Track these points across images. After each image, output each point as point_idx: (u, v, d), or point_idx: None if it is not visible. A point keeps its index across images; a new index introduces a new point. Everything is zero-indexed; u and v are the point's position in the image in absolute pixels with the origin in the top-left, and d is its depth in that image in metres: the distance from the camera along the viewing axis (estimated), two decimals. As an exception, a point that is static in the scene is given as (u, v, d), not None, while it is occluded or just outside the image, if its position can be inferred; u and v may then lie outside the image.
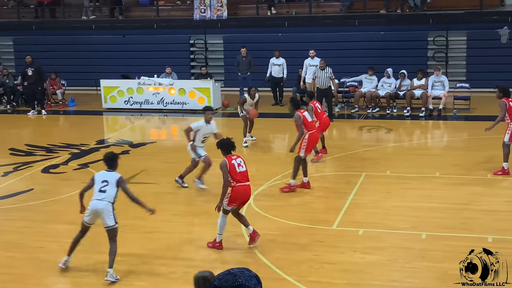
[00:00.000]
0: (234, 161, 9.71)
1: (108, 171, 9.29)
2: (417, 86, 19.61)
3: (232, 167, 9.61)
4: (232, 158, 9.75)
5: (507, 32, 21.88)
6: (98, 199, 9.14)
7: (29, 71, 21.45)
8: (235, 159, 9.75)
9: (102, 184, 9.16)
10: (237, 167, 9.65)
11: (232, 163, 9.66)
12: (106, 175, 9.23)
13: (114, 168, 9.35)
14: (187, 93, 20.90)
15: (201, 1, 24.50)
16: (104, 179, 9.17)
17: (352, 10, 24.29)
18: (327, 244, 9.86)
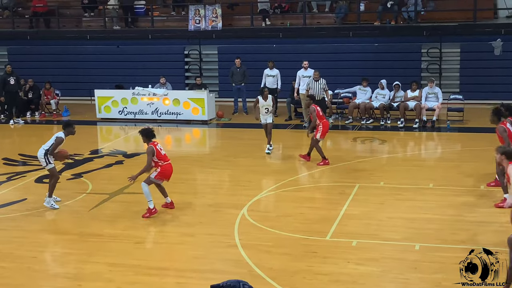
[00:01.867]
0: (158, 146, 11.62)
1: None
2: (411, 97, 19.67)
3: (158, 151, 11.53)
4: (155, 143, 11.64)
5: (500, 44, 22.02)
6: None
7: (11, 80, 21.53)
8: (157, 144, 11.64)
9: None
10: (160, 151, 11.61)
11: (157, 148, 11.57)
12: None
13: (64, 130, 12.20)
14: (181, 103, 20.91)
15: (196, 12, 24.57)
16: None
17: (346, 21, 24.42)
18: (320, 255, 9.85)
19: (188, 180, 14.47)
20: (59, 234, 11.03)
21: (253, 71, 21.84)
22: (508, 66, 21.78)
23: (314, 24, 24.58)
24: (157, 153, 11.54)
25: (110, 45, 25.87)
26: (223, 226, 11.08)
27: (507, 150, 9.24)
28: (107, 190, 13.48)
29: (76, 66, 25.61)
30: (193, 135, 20.47)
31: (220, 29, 24.48)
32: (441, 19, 23.24)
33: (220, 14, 24.43)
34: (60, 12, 27.30)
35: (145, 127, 12.09)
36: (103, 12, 26.40)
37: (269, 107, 16.33)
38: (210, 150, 18.79)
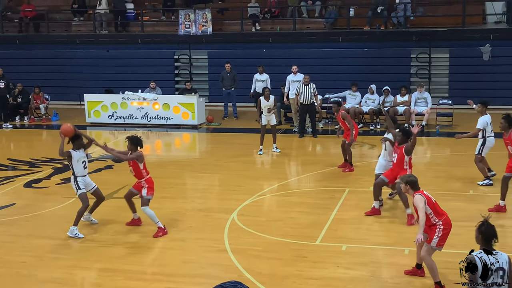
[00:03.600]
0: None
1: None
2: (400, 102, 19.74)
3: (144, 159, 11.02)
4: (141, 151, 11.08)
5: (489, 49, 22.14)
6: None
7: (1, 83, 21.47)
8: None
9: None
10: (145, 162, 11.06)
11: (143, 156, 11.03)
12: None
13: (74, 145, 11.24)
14: (171, 108, 20.89)
15: (186, 16, 24.58)
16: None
17: (336, 26, 24.50)
18: (310, 259, 9.86)
19: (178, 185, 14.46)
20: (48, 239, 10.98)
21: (243, 75, 21.87)
22: (496, 71, 21.92)
23: (304, 29, 24.65)
24: (144, 163, 11.11)
25: (100, 50, 25.83)
26: (213, 231, 11.07)
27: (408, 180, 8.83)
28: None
29: (65, 70, 25.55)
30: (183, 139, 20.45)
31: (210, 33, 24.51)
32: (430, 24, 23.36)
33: (210, 19, 24.44)
34: (49, 16, 27.25)
35: (134, 135, 11.51)
36: (93, 16, 26.36)
37: (270, 107, 16.63)
38: (200, 155, 18.78)
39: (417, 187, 8.74)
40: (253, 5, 25.06)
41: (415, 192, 8.68)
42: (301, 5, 24.97)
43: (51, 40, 26.39)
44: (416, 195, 8.62)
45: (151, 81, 21.74)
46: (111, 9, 26.50)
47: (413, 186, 8.75)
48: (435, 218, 8.63)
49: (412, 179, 8.81)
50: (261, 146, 16.89)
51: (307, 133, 19.15)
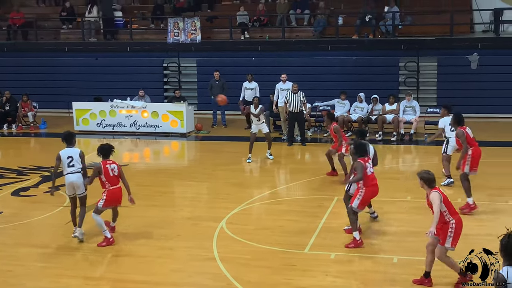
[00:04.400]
0: (108, 165, 10.77)
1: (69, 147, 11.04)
2: (388, 110, 19.81)
3: (106, 171, 10.70)
4: (108, 162, 10.84)
5: (476, 58, 22.27)
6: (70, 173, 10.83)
7: None
8: (110, 164, 10.82)
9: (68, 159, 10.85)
10: (110, 172, 10.73)
11: (106, 167, 10.74)
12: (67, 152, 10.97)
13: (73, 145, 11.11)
14: (160, 116, 20.86)
15: (175, 24, 24.58)
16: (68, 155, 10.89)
17: (325, 35, 24.58)
18: (299, 268, 9.84)
19: (166, 193, 14.43)
20: (35, 248, 10.91)
21: (232, 84, 21.88)
22: (484, 80, 22.03)
23: (293, 38, 24.71)
24: (105, 173, 10.73)
25: (88, 58, 25.78)
26: (201, 239, 11.04)
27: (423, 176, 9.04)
28: (84, 203, 13.35)
29: (54, 78, 25.48)
30: (172, 147, 20.41)
31: (199, 42, 24.52)
32: (418, 33, 23.48)
33: (199, 27, 24.46)
34: (38, 24, 27.18)
35: (104, 143, 11.26)
36: (82, 24, 26.31)
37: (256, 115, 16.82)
38: (189, 163, 18.75)
39: (433, 184, 8.92)
40: (242, 13, 25.11)
41: (432, 189, 8.85)
42: (290, 14, 25.04)
43: (39, 48, 26.31)
44: (433, 192, 8.80)
45: (140, 89, 21.71)
46: (100, 17, 26.46)
47: (428, 182, 8.94)
48: (449, 216, 8.79)
49: (428, 176, 8.99)
50: (249, 154, 16.88)
51: (296, 141, 19.16)
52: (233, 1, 27.00)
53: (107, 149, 11.00)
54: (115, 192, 10.83)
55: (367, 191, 10.67)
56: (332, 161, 15.28)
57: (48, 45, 26.52)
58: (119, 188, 10.93)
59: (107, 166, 10.79)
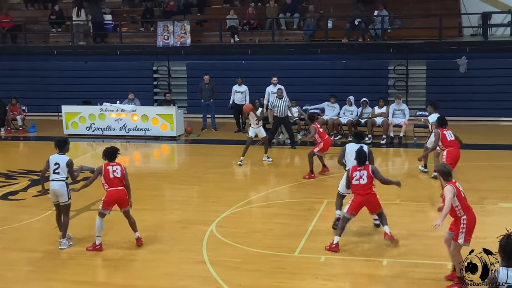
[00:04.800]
0: (110, 167, 10.71)
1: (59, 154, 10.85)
2: (378, 114, 19.87)
3: (106, 173, 10.64)
4: (110, 164, 10.77)
5: (465, 61, 22.38)
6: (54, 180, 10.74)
7: None
8: (113, 165, 10.75)
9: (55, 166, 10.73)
10: (111, 173, 10.65)
11: (107, 168, 10.69)
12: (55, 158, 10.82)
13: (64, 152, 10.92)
14: (149, 119, 20.83)
15: (165, 28, 24.56)
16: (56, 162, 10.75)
17: (315, 38, 24.61)
18: (289, 271, 9.85)
19: (156, 197, 14.41)
20: (23, 252, 10.86)
21: (222, 87, 21.88)
22: (473, 83, 22.14)
23: (283, 41, 24.74)
24: (105, 174, 10.67)
25: (78, 61, 25.70)
26: (191, 243, 11.03)
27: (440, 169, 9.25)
28: (73, 207, 13.17)
29: (43, 82, 25.40)
30: (162, 151, 20.38)
31: (189, 45, 24.50)
32: (407, 37, 23.56)
33: (189, 30, 24.44)
34: (27, 27, 27.07)
35: (109, 146, 11.23)
36: (71, 27, 26.25)
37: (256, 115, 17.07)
38: (179, 166, 18.73)
39: (449, 178, 9.01)
40: (231, 17, 25.12)
41: (447, 183, 8.96)
42: (280, 17, 25.08)
43: (28, 52, 26.22)
44: (447, 185, 8.91)
45: (129, 92, 21.66)
46: (89, 20, 26.41)
47: (444, 176, 9.07)
48: (461, 212, 8.86)
49: (444, 169, 9.15)
50: (242, 157, 16.89)
51: (286, 144, 19.23)
52: (223, 4, 27.01)
53: (111, 152, 10.94)
54: (113, 193, 10.67)
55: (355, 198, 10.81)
56: (322, 160, 15.74)
57: (37, 48, 26.44)
58: (120, 190, 10.72)
59: (108, 168, 10.72)
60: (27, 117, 22.98)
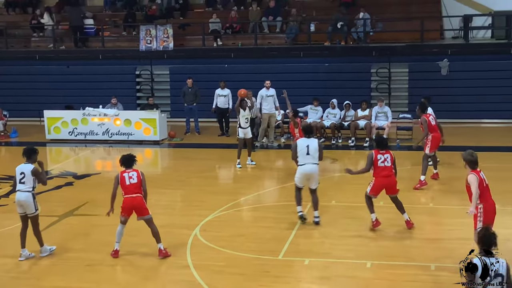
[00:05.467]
0: (126, 173, 10.54)
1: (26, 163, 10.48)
2: (361, 116, 19.94)
3: (122, 179, 10.45)
4: (126, 171, 10.60)
5: (447, 64, 22.54)
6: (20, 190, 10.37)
7: None
8: (129, 172, 10.57)
9: (20, 176, 10.37)
10: (127, 180, 10.46)
11: (123, 175, 10.51)
12: (21, 168, 10.43)
13: (32, 161, 10.52)
14: (132, 123, 20.76)
15: (147, 32, 24.51)
16: (21, 171, 10.37)
17: (297, 42, 24.69)
18: (273, 274, 9.85)
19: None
20: (7, 258, 10.77)
21: (205, 91, 21.86)
22: (454, 85, 22.29)
23: (265, 45, 24.79)
24: (121, 181, 10.49)
25: (59, 65, 25.59)
26: (175, 247, 10.99)
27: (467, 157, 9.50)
28: (56, 212, 13.25)
29: (25, 86, 25.24)
30: (145, 155, 20.31)
31: (172, 49, 24.47)
32: (389, 40, 23.70)
33: (172, 34, 24.42)
34: (8, 32, 26.91)
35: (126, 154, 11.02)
36: (53, 32, 26.12)
37: (248, 117, 17.08)
38: (162, 171, 18.68)
39: (475, 166, 9.34)
40: (214, 20, 25.13)
41: (471, 171, 9.28)
42: (262, 21, 25.12)
43: (10, 56, 26.07)
44: (471, 174, 9.24)
45: (112, 96, 21.58)
46: (70, 24, 26.30)
47: (470, 164, 9.37)
48: (478, 201, 9.13)
49: (471, 158, 9.43)
50: (238, 159, 16.98)
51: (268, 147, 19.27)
52: (206, 8, 27.02)
53: (128, 159, 10.76)
54: (128, 201, 10.45)
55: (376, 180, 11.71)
56: None
57: (18, 53, 26.31)
58: (135, 198, 10.47)
59: (124, 175, 10.53)
60: (9, 122, 22.81)
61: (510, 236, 10.53)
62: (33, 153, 10.64)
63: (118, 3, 28.03)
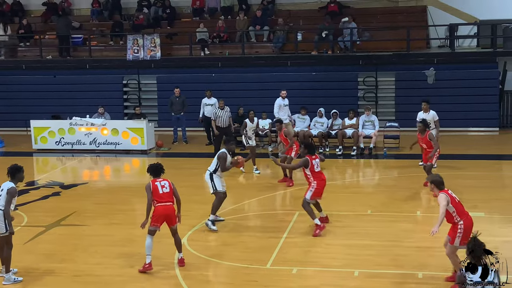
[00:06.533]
0: (158, 183, 10.47)
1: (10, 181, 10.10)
2: (348, 125, 20.00)
3: (155, 188, 10.35)
4: (157, 180, 10.53)
5: (433, 73, 22.67)
6: None
7: None
8: (160, 181, 10.51)
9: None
10: (160, 189, 10.39)
11: (155, 184, 10.44)
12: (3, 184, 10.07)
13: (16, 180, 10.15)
14: (120, 133, 20.70)
15: (135, 41, 24.49)
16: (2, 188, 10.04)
17: (284, 51, 24.74)
18: (261, 283, 9.85)
19: (127, 211, 14.30)
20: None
21: (193, 100, 21.84)
22: (441, 94, 22.36)
23: (253, 54, 24.82)
24: (154, 190, 10.39)
25: (46, 75, 25.51)
26: (163, 257, 10.95)
27: (434, 179, 9.60)
28: (43, 222, 13.18)
29: (11, 96, 25.11)
30: (133, 165, 20.27)
31: (159, 58, 24.46)
32: (376, 49, 23.81)
33: (159, 44, 24.41)
34: (-6, 41, 26.81)
35: (153, 163, 11.00)
36: (39, 42, 26.05)
37: (254, 128, 17.75)
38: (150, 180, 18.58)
39: (442, 187, 9.40)
40: (201, 30, 25.15)
41: (440, 191, 9.34)
42: (250, 30, 25.16)
43: (-4, 66, 25.96)
44: (440, 194, 9.30)
45: (99, 106, 21.51)
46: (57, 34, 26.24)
47: (437, 185, 9.42)
48: (457, 217, 9.21)
49: (437, 179, 9.54)
50: (254, 166, 17.37)
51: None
52: (193, 17, 27.03)
53: (156, 168, 10.72)
54: (161, 209, 10.34)
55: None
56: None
57: (5, 62, 26.19)
58: (168, 206, 10.41)
59: (156, 184, 10.46)
60: (-5, 132, 22.71)
61: (498, 244, 10.56)
62: (17, 172, 10.19)
63: (105, 12, 27.98)
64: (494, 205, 13.69)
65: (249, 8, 26.30)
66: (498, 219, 12.79)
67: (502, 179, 16.74)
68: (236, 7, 26.54)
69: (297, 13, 26.21)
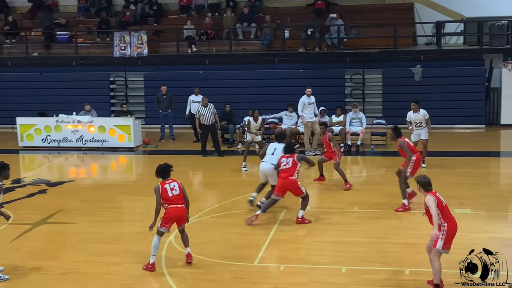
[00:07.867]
0: (167, 185, 10.30)
1: None
2: (335, 122, 20.02)
3: (164, 191, 10.21)
4: (166, 182, 10.35)
5: (420, 70, 22.75)
6: None
7: None
8: (169, 183, 10.34)
9: None
10: (169, 191, 10.24)
11: (164, 187, 10.27)
12: None
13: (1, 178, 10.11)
14: (107, 130, 20.61)
15: (121, 38, 24.38)
16: None
17: (272, 48, 24.74)
18: (248, 280, 9.84)
19: (113, 208, 14.26)
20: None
21: (180, 97, 21.79)
22: (427, 91, 22.44)
23: (240, 51, 24.79)
24: (163, 193, 10.27)
25: (32, 72, 25.36)
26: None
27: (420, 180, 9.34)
28: (29, 220, 13.11)
29: (-4, 93, 24.98)
30: (120, 162, 20.20)
31: (146, 55, 24.38)
32: (363, 46, 23.85)
33: (146, 41, 24.31)
34: (-19, 38, 26.62)
35: (162, 164, 10.66)
36: (25, 38, 25.89)
37: (258, 127, 17.68)
38: (137, 177, 18.58)
39: (429, 187, 9.15)
40: (188, 27, 25.08)
41: (427, 193, 9.09)
42: (237, 27, 25.13)
43: (-19, 63, 25.77)
44: (428, 196, 9.03)
45: (86, 103, 21.40)
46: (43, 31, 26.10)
47: (423, 186, 9.18)
48: (442, 220, 9.00)
49: (424, 180, 9.25)
50: (244, 162, 17.25)
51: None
52: (180, 14, 26.96)
53: (163, 169, 10.49)
54: (173, 211, 10.26)
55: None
56: (321, 168, 15.93)
57: (-10, 59, 26.02)
58: (180, 208, 10.33)
59: (165, 186, 10.30)
60: (-19, 130, 22.57)
61: (486, 240, 10.63)
62: (3, 170, 10.18)
63: (92, 9, 27.85)
64: (480, 201, 13.76)
65: (236, 5, 26.28)
66: (484, 215, 12.85)
67: (488, 176, 16.82)
68: (223, 4, 26.49)
69: (285, 10, 26.23)
